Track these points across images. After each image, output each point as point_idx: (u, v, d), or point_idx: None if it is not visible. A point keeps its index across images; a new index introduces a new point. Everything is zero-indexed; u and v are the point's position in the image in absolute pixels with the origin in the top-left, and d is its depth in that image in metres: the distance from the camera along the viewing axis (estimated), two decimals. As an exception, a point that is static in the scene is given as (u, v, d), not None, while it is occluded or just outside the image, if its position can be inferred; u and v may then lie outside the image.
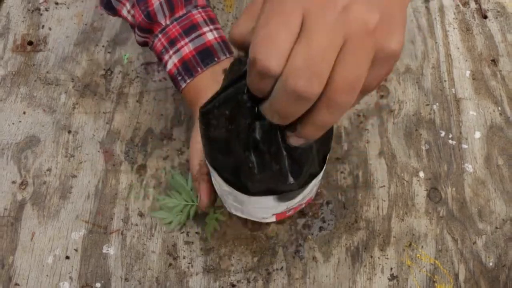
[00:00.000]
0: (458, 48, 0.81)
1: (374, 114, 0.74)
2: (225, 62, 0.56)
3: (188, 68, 0.56)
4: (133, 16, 0.57)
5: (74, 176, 0.67)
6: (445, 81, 0.78)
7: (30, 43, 0.77)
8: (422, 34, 0.82)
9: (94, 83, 0.74)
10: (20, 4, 0.80)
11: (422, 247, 0.65)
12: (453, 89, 0.77)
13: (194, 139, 0.54)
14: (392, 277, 0.63)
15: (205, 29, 0.56)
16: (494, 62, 0.80)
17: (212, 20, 0.58)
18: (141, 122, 0.72)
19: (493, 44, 0.82)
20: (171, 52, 0.56)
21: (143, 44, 0.60)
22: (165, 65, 0.57)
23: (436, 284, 0.63)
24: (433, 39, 0.82)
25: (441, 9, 0.85)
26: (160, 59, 0.58)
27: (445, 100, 0.76)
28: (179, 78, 0.56)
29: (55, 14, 0.80)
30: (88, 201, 0.66)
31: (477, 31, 0.83)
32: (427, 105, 0.76)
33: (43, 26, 0.78)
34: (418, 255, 0.65)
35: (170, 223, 0.62)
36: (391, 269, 0.64)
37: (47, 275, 0.62)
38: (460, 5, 0.86)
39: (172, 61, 0.56)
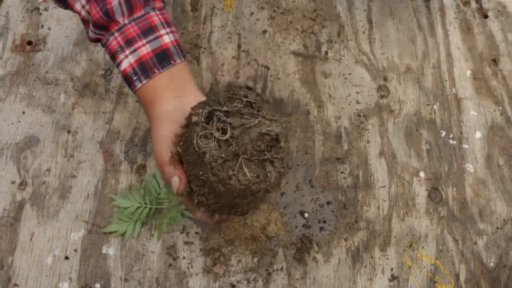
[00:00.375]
0: (459, 48, 0.81)
1: (374, 114, 0.74)
2: (181, 66, 0.58)
3: (145, 69, 0.57)
4: (88, 11, 0.58)
5: (73, 176, 0.67)
6: (445, 80, 0.78)
7: (30, 43, 0.77)
8: (423, 33, 0.82)
9: (93, 83, 0.74)
10: (19, 4, 0.80)
11: (422, 247, 0.65)
12: (453, 89, 0.77)
13: (159, 133, 0.55)
14: (393, 278, 0.63)
15: (162, 31, 0.58)
16: (495, 61, 0.80)
17: (168, 23, 0.59)
18: (141, 122, 0.71)
19: (494, 43, 0.82)
20: (127, 51, 0.57)
21: (95, 41, 0.61)
22: (119, 64, 0.58)
23: (437, 284, 0.63)
24: (434, 38, 0.82)
25: (442, 8, 0.85)
26: (113, 57, 0.58)
27: (446, 100, 0.76)
28: (135, 78, 0.57)
29: (55, 14, 0.79)
30: (88, 201, 0.65)
31: (478, 30, 0.83)
32: (428, 105, 0.75)
33: (42, 26, 0.78)
34: (418, 255, 0.65)
35: (123, 234, 0.63)
36: (392, 269, 0.64)
37: (46, 276, 0.61)
38: (461, 5, 0.86)
39: (128, 60, 0.57)
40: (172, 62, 0.58)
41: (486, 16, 0.85)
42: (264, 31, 0.80)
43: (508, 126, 0.74)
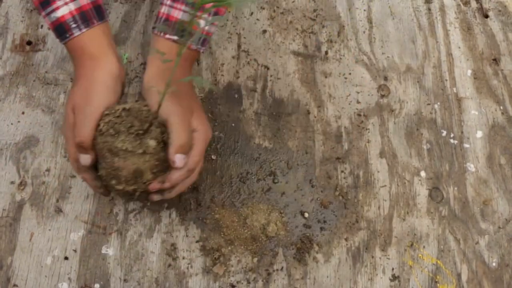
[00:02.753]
0: (459, 47, 0.81)
1: (375, 113, 0.74)
2: (107, 24, 0.60)
3: (85, 18, 0.58)
4: None
5: (73, 176, 0.67)
6: (446, 80, 0.78)
7: (29, 42, 0.77)
8: (423, 33, 0.82)
9: (93, 83, 0.74)
10: (18, 3, 0.80)
11: (424, 247, 0.65)
12: (454, 88, 0.77)
13: (95, 99, 0.55)
14: (394, 278, 0.63)
15: None
16: (496, 61, 0.80)
17: None
18: (141, 122, 0.71)
19: (494, 43, 0.82)
20: None
21: None
22: (54, 10, 0.57)
23: (438, 284, 0.63)
24: (434, 38, 0.82)
25: (442, 8, 0.85)
26: (47, 3, 0.57)
27: (447, 99, 0.76)
28: (73, 25, 0.57)
29: (54, 14, 0.79)
30: (87, 201, 0.65)
31: (478, 30, 0.83)
32: (428, 104, 0.75)
33: (42, 26, 0.78)
34: (420, 255, 0.64)
35: None
36: (393, 269, 0.63)
37: (45, 276, 0.61)
38: (461, 5, 0.86)
39: (68, 7, 0.57)
40: (104, 17, 0.60)
41: (486, 16, 0.85)
42: (264, 31, 0.80)
43: (509, 125, 0.74)
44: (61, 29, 0.58)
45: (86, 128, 0.53)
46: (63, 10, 0.57)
